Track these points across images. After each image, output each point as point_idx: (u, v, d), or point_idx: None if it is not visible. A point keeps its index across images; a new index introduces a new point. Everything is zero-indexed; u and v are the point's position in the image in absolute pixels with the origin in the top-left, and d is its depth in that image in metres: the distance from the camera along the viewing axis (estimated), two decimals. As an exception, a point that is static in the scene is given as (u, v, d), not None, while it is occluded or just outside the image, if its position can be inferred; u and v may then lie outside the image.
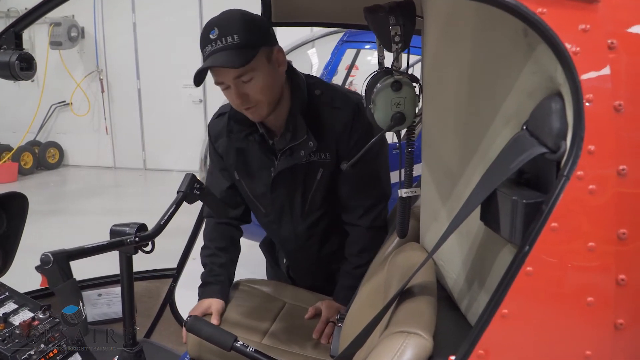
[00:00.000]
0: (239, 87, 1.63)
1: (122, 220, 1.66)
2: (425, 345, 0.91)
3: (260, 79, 1.64)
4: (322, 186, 1.84)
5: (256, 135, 1.83)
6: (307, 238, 1.96)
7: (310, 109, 1.77)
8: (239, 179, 1.95)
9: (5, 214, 2.19)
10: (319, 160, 1.80)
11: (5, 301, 1.98)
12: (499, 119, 0.91)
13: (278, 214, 1.95)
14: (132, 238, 1.59)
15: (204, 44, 1.61)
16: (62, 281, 1.37)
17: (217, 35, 1.57)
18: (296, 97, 1.76)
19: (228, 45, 1.57)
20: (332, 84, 2.01)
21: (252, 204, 1.99)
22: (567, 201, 0.71)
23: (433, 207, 1.27)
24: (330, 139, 1.76)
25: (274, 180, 1.85)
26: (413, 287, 1.09)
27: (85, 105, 8.89)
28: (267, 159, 1.85)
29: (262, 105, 1.68)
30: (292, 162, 1.79)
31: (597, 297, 0.70)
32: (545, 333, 0.72)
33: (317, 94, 1.79)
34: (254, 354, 1.62)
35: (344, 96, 1.80)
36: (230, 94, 1.67)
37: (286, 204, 1.91)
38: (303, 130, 1.74)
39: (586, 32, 0.72)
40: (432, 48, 1.27)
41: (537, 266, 0.71)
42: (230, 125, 1.88)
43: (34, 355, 1.81)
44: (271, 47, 1.68)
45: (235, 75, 1.61)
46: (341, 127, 1.75)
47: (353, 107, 1.75)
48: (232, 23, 1.60)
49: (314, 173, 1.82)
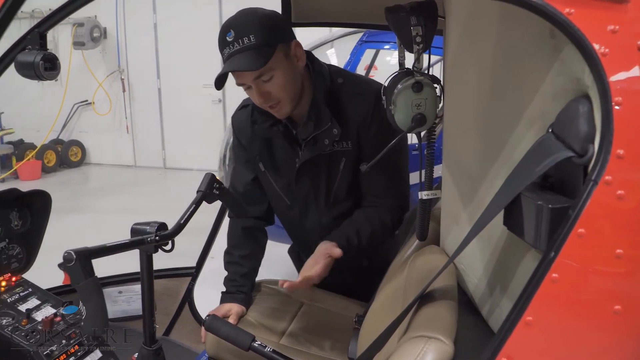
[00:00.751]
0: (260, 86, 1.64)
1: (142, 218, 1.67)
2: (446, 350, 0.90)
3: (280, 77, 1.64)
4: (345, 176, 1.84)
5: (280, 126, 1.83)
6: (331, 229, 1.91)
7: (332, 97, 1.76)
8: (264, 170, 1.95)
9: (29, 212, 2.23)
10: (341, 149, 1.79)
11: (28, 297, 2.01)
12: (523, 121, 0.89)
13: (303, 204, 1.94)
14: (152, 237, 1.60)
15: (221, 47, 1.62)
16: (84, 279, 1.38)
17: (233, 38, 1.58)
18: (318, 85, 1.76)
19: (245, 46, 1.57)
20: (354, 73, 2.00)
21: (277, 196, 1.98)
22: (594, 206, 0.69)
23: (454, 210, 1.26)
24: (352, 127, 1.76)
25: (298, 171, 1.85)
26: (433, 291, 1.08)
27: (107, 104, 9.01)
28: (292, 149, 1.84)
29: (285, 102, 1.68)
30: (316, 152, 1.79)
31: (625, 305, 0.68)
32: (570, 341, 0.70)
33: (340, 82, 1.79)
34: (272, 354, 1.62)
35: (366, 84, 1.80)
36: (253, 94, 1.68)
37: (311, 194, 1.90)
38: (327, 118, 1.73)
39: (615, 33, 0.70)
40: (454, 48, 1.25)
41: (562, 273, 0.69)
42: (254, 116, 1.88)
43: (56, 351, 1.84)
44: (288, 43, 1.68)
45: (254, 77, 1.61)
46: (362, 116, 1.74)
47: (374, 94, 1.71)
48: (248, 23, 1.60)
49: (337, 162, 1.82)
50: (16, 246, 2.18)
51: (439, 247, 1.40)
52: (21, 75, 1.31)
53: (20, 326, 1.83)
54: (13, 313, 1.88)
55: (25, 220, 2.23)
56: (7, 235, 2.14)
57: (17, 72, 1.33)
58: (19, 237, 2.19)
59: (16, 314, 1.89)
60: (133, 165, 9.42)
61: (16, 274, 2.11)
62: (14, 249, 2.18)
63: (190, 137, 8.67)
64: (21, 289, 2.03)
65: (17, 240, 2.19)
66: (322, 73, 1.78)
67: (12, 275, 2.08)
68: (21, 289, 2.03)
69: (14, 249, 2.17)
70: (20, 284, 2.06)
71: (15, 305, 1.94)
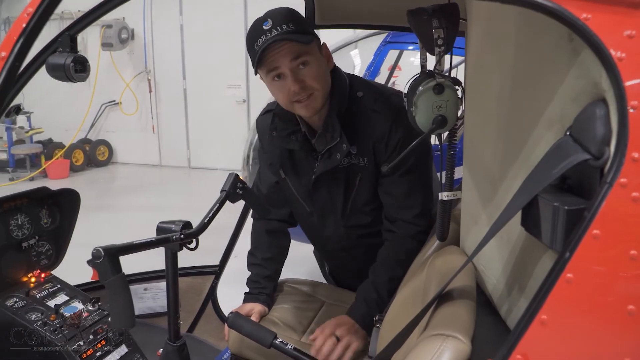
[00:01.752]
0: (296, 72, 1.62)
1: (166, 216, 1.71)
2: (463, 348, 0.91)
3: (315, 65, 1.64)
4: (362, 190, 1.83)
5: (299, 135, 1.83)
6: (350, 239, 1.96)
7: (349, 112, 1.75)
8: (284, 177, 1.96)
9: (58, 210, 2.29)
10: (358, 164, 1.78)
11: (57, 293, 2.07)
12: (542, 123, 0.90)
13: (321, 213, 1.95)
14: (178, 235, 1.64)
15: (255, 36, 1.60)
16: (111, 275, 1.42)
17: (271, 25, 1.58)
18: (335, 98, 1.74)
19: (284, 31, 1.57)
20: (376, 84, 1.95)
21: (297, 202, 1.99)
22: (609, 208, 0.70)
23: (473, 211, 1.27)
24: (368, 143, 1.74)
25: (315, 182, 1.86)
26: (452, 291, 1.10)
27: (134, 104, 9.18)
28: (311, 158, 1.85)
29: (318, 94, 1.67)
30: (330, 166, 1.78)
31: (638, 306, 0.69)
32: (584, 341, 0.71)
33: (359, 96, 1.76)
34: (293, 352, 1.65)
35: (386, 99, 1.76)
36: (285, 84, 1.64)
37: (328, 204, 1.91)
38: (337, 133, 1.72)
39: (632, 38, 0.71)
40: (475, 51, 1.26)
41: (577, 273, 0.70)
42: (274, 123, 1.88)
43: (83, 346, 1.89)
44: (319, 42, 1.70)
45: (293, 56, 1.60)
46: (379, 134, 1.72)
47: (393, 111, 1.70)
48: (285, 14, 1.61)
49: (353, 177, 1.81)
50: (45, 243, 2.24)
51: (459, 247, 1.40)
52: (52, 77, 1.35)
53: (49, 321, 1.88)
54: (42, 308, 1.94)
55: (54, 218, 2.29)
56: (37, 233, 2.20)
57: (48, 74, 1.38)
58: (48, 235, 2.25)
59: (45, 309, 1.94)
60: (158, 164, 9.59)
61: (45, 270, 2.18)
62: (44, 246, 2.24)
63: (215, 137, 8.80)
64: (50, 285, 2.09)
65: (47, 237, 2.25)
66: (341, 86, 1.77)
67: (41, 271, 2.14)
68: (50, 285, 2.09)
69: (43, 246, 2.23)
70: (49, 280, 2.12)
71: (44, 301, 1.99)
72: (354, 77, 1.86)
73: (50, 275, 2.15)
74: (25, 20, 1.02)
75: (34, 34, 1.06)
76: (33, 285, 2.04)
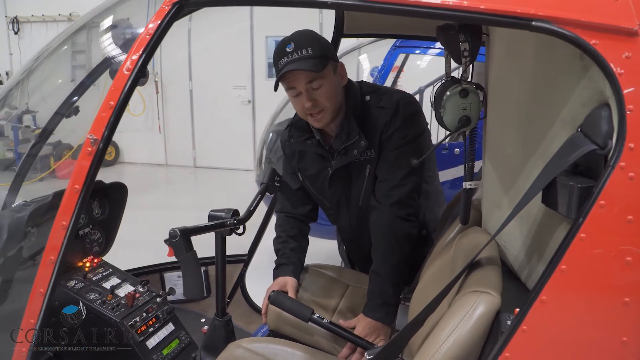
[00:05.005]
0: (310, 92, 1.87)
1: (174, 214, 1.94)
2: (495, 301, 1.14)
3: (328, 87, 1.88)
4: (371, 182, 2.03)
5: (313, 140, 2.08)
6: (362, 230, 2.15)
7: (361, 113, 1.98)
8: (303, 179, 2.21)
9: (107, 201, 2.50)
10: (367, 158, 2.00)
11: (109, 276, 2.26)
12: (557, 123, 1.14)
13: (336, 207, 2.18)
14: (232, 220, 1.86)
15: (279, 56, 1.85)
16: (185, 252, 1.65)
17: (293, 48, 1.82)
18: (350, 103, 1.98)
19: (303, 56, 1.81)
20: (380, 86, 2.20)
21: (318, 199, 2.24)
22: (612, 185, 0.94)
23: (495, 197, 1.50)
24: (376, 135, 1.96)
25: (331, 178, 2.09)
26: (481, 260, 1.32)
27: (141, 105, 9.26)
28: (324, 159, 2.08)
29: (327, 111, 1.91)
30: (346, 161, 2.01)
31: (634, 257, 0.94)
32: (594, 281, 0.96)
33: (367, 99, 2.00)
34: (329, 325, 1.84)
35: (387, 96, 1.98)
36: (301, 100, 1.90)
37: (343, 198, 2.14)
38: (355, 132, 1.95)
39: (629, 58, 0.96)
40: (498, 62, 1.49)
41: (588, 233, 0.95)
42: (291, 132, 2.16)
43: (139, 322, 2.09)
44: (336, 62, 1.93)
45: (307, 80, 1.85)
46: (382, 124, 1.95)
47: (394, 105, 1.93)
48: (306, 39, 1.84)
49: (363, 170, 2.03)
50: (97, 232, 2.43)
51: (481, 228, 1.63)
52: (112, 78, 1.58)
53: (107, 301, 2.07)
54: (99, 289, 2.12)
55: (104, 209, 2.48)
56: (90, 222, 2.40)
57: (110, 77, 1.60)
58: (99, 224, 2.44)
59: (102, 290, 2.13)
60: (164, 164, 9.69)
61: (97, 256, 2.37)
62: (95, 235, 2.43)
63: (220, 137, 8.93)
64: (102, 269, 2.27)
65: (98, 226, 2.44)
66: (354, 92, 2.00)
67: (94, 257, 2.34)
68: (103, 269, 2.27)
69: (95, 235, 2.43)
70: (101, 265, 2.30)
71: (100, 283, 2.18)
72: (363, 83, 2.10)
73: (102, 261, 2.34)
74: (130, 70, 1.24)
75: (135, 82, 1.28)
76: (88, 270, 2.22)
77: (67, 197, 1.29)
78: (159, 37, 1.21)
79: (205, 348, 2.03)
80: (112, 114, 1.23)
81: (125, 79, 1.23)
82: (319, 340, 1.98)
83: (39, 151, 2.59)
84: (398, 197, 1.94)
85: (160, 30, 1.21)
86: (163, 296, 2.27)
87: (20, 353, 1.44)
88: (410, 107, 1.96)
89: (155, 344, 2.10)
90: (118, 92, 1.22)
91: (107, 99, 1.23)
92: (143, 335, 2.07)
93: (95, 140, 1.24)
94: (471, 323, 1.13)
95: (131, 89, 1.23)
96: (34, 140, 2.83)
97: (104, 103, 1.22)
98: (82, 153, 1.29)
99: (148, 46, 1.21)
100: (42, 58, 2.23)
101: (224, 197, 6.76)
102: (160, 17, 1.22)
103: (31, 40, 9.35)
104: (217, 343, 1.97)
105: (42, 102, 3.38)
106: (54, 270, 1.31)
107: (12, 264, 1.99)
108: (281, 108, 4.64)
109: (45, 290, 1.32)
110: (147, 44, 1.21)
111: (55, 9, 9.12)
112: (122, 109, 1.27)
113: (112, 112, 1.23)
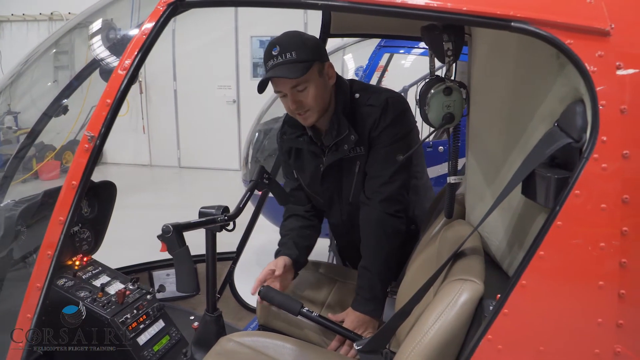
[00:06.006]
0: (294, 95, 1.92)
1: (159, 214, 1.95)
2: (478, 288, 1.20)
3: (313, 89, 1.91)
4: (360, 177, 2.08)
5: (305, 137, 2.13)
6: (353, 225, 2.19)
7: (350, 110, 2.03)
8: (297, 177, 2.26)
9: (97, 200, 2.52)
10: (356, 154, 2.05)
11: (99, 274, 2.29)
12: (536, 118, 1.20)
13: (329, 203, 2.23)
14: (222, 217, 1.90)
15: (266, 59, 1.90)
16: (178, 247, 1.68)
17: (278, 52, 1.86)
18: (340, 100, 2.03)
19: (287, 60, 1.85)
20: (369, 85, 2.25)
21: (312, 196, 2.29)
22: (586, 175, 1.00)
23: (478, 190, 1.56)
24: (365, 132, 2.01)
25: (323, 174, 2.14)
26: (465, 250, 1.38)
27: (125, 105, 9.16)
28: (316, 156, 2.13)
29: (313, 111, 1.96)
30: (338, 156, 2.05)
31: (607, 243, 1.00)
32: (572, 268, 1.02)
33: (357, 97, 2.05)
34: (318, 318, 1.89)
35: (376, 95, 2.03)
36: (287, 101, 1.95)
37: (335, 194, 2.19)
38: (345, 127, 2.00)
39: (601, 57, 1.02)
40: (481, 61, 1.55)
41: (564, 221, 1.01)
42: (284, 129, 2.21)
43: (129, 319, 2.12)
44: (323, 63, 1.96)
45: (291, 85, 1.89)
46: (371, 121, 1.99)
47: (382, 103, 1.98)
48: (291, 42, 1.88)
49: (353, 166, 2.08)
50: (86, 230, 2.45)
51: (465, 221, 1.69)
52: (104, 79, 1.61)
53: (98, 298, 2.09)
54: (89, 287, 2.14)
55: (93, 208, 2.50)
56: (79, 221, 2.41)
57: (101, 77, 1.64)
58: (88, 223, 2.46)
59: (92, 288, 2.15)
60: (149, 164, 9.66)
61: (86, 255, 2.39)
62: (84, 233, 2.45)
63: (205, 137, 8.94)
64: (92, 267, 2.29)
65: (87, 225, 2.46)
66: (343, 90, 2.04)
67: (83, 255, 2.36)
68: (92, 268, 2.29)
69: (84, 233, 2.44)
70: (91, 264, 2.32)
71: (90, 281, 2.20)
72: (353, 81, 2.15)
73: (91, 259, 2.36)
74: (125, 69, 1.28)
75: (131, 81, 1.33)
76: (78, 268, 2.25)
77: (64, 192, 1.33)
78: (154, 37, 1.25)
79: (196, 343, 2.05)
80: (108, 111, 1.26)
81: (122, 78, 1.27)
82: (309, 334, 2.02)
83: (26, 153, 2.57)
84: (387, 193, 1.99)
85: (155, 30, 1.24)
86: (153, 293, 2.30)
87: (16, 352, 1.47)
88: (399, 106, 2.01)
89: (146, 341, 2.13)
90: (114, 90, 1.26)
91: (103, 97, 1.27)
92: (134, 332, 2.10)
93: (92, 137, 1.27)
94: (456, 309, 1.18)
95: (127, 88, 1.27)
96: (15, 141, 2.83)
97: (100, 101, 1.26)
98: (79, 150, 1.32)
99: (144, 46, 1.25)
100: (30, 62, 2.24)
101: (209, 197, 6.66)
102: (155, 17, 1.26)
103: (11, 40, 9.23)
104: (209, 338, 1.99)
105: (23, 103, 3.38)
106: (51, 265, 1.34)
107: (4, 263, 2.00)
108: (267, 107, 4.68)
109: (42, 285, 1.35)
110: (142, 44, 1.25)
111: (36, 8, 9.01)
112: (118, 107, 1.31)
113: (108, 110, 1.26)
